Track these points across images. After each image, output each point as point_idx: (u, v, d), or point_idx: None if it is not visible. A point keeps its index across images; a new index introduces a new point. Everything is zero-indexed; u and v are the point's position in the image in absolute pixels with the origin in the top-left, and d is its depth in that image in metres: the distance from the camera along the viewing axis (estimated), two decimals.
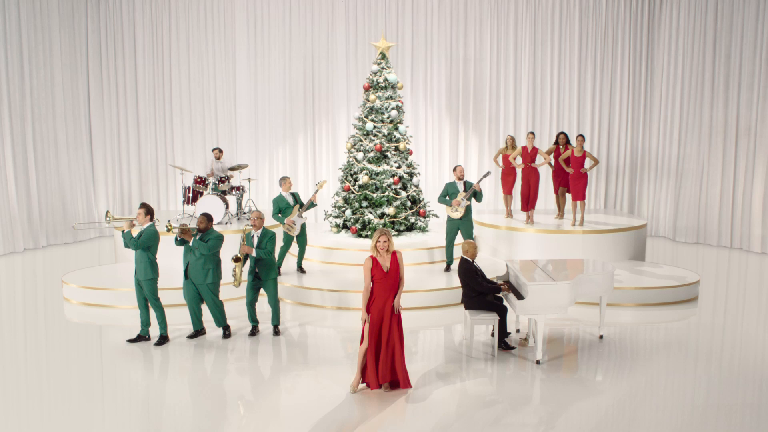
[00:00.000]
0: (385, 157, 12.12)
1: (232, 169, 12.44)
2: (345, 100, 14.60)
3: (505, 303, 8.29)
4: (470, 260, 8.08)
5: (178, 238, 8.17)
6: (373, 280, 6.81)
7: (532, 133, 12.04)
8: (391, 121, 12.20)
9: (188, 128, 14.69)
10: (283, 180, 10.51)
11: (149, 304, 8.23)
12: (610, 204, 15.06)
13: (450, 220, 10.60)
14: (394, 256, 6.82)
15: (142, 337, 8.35)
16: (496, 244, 12.05)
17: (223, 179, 12.25)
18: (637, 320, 9.36)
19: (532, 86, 14.75)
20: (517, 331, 8.77)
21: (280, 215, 10.42)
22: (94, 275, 10.61)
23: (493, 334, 8.35)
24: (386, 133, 12.14)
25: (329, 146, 14.85)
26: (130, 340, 8.32)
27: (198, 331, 8.56)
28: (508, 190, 12.42)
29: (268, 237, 8.52)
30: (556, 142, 12.26)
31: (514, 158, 11.99)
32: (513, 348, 8.10)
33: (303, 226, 10.58)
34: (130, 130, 14.61)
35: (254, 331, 8.72)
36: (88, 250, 13.44)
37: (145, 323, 8.31)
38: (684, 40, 13.99)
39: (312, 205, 10.54)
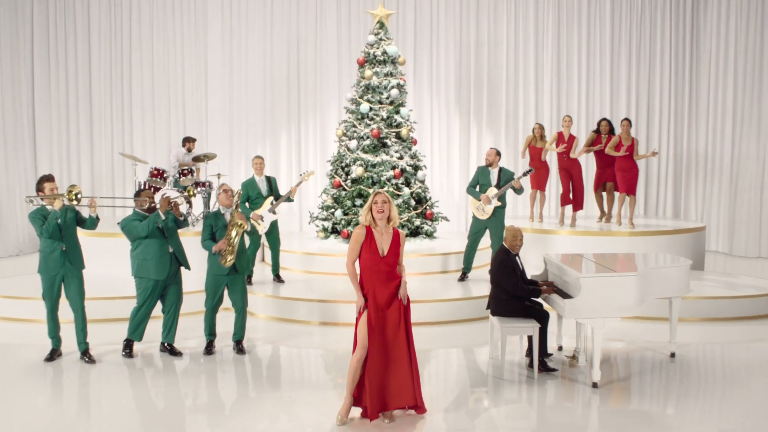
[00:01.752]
0: (384, 145, 10.55)
1: (196, 159, 10.83)
2: (336, 91, 13.19)
3: (545, 307, 6.61)
4: (510, 251, 6.46)
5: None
6: (360, 263, 5.19)
7: (569, 117, 10.55)
8: (391, 102, 10.67)
9: (150, 122, 13.28)
10: (252, 161, 8.90)
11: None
12: (651, 210, 13.52)
13: (476, 218, 8.99)
14: (396, 235, 5.20)
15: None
16: (523, 250, 10.37)
17: (186, 171, 10.64)
18: (709, 337, 7.68)
19: (557, 75, 13.42)
20: (559, 348, 7.07)
21: (247, 205, 8.79)
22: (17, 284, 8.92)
23: (530, 352, 6.65)
24: (385, 117, 10.59)
25: (317, 142, 13.38)
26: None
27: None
28: (538, 184, 10.85)
29: (246, 215, 6.93)
30: (597, 131, 10.73)
31: (551, 145, 10.47)
32: (554, 370, 6.39)
33: (274, 225, 8.93)
34: (81, 124, 13.17)
35: (210, 348, 7.00)
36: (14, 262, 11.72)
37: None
38: (737, 17, 12.64)
39: (288, 199, 8.92)
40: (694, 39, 13.38)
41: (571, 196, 10.63)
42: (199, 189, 10.67)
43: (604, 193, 10.88)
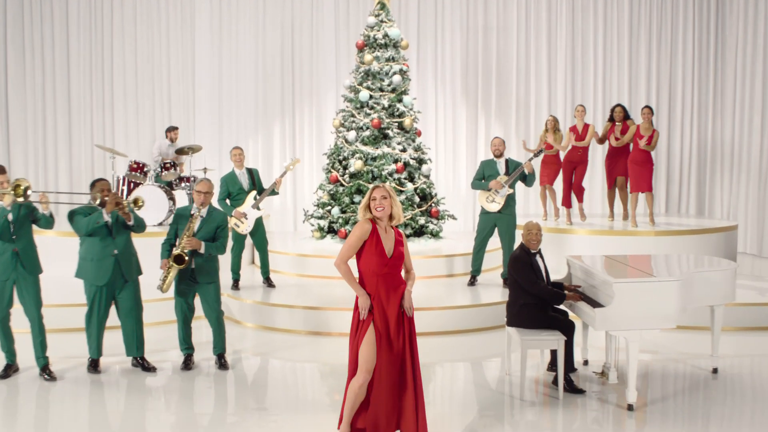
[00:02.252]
0: (386, 136, 9.84)
1: (180, 152, 10.12)
2: (334, 78, 12.50)
3: (569, 317, 5.90)
4: (529, 250, 5.76)
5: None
6: (362, 267, 4.52)
7: (582, 106, 9.86)
8: (393, 90, 9.96)
9: (133, 113, 12.59)
10: (230, 153, 8.22)
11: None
12: (673, 208, 12.82)
13: (484, 213, 8.27)
14: (400, 238, 4.60)
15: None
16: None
17: (168, 165, 9.93)
18: (748, 349, 6.97)
19: (571, 62, 12.71)
20: (585, 363, 6.34)
21: (228, 202, 8.08)
22: None
23: (553, 366, 5.94)
24: (386, 106, 9.88)
25: (312, 133, 12.68)
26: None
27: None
28: (548, 179, 10.14)
29: (221, 223, 6.21)
30: (611, 119, 10.01)
31: (569, 142, 9.78)
32: (581, 392, 5.66)
33: (259, 222, 8.21)
34: (59, 115, 12.50)
35: (188, 363, 6.28)
36: None
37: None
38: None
39: (273, 192, 8.22)
40: (720, 23, 12.68)
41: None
42: (183, 184, 9.97)
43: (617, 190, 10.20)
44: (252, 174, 8.25)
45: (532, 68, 12.70)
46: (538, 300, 5.71)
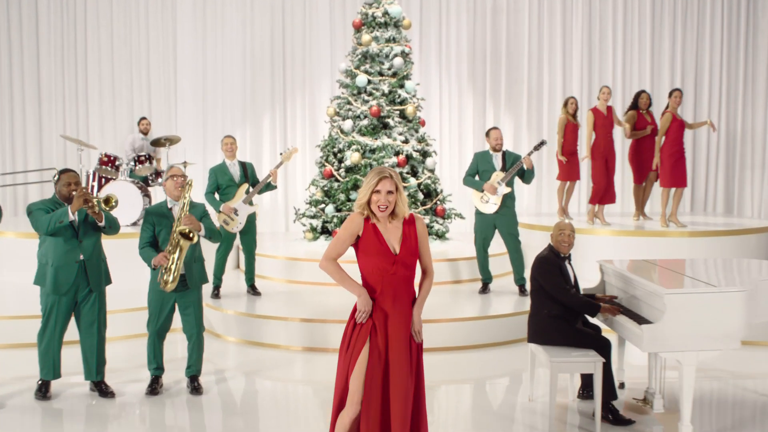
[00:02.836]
0: (386, 126, 9.07)
1: (156, 143, 9.31)
2: (328, 63, 11.79)
3: (600, 331, 5.11)
4: (558, 253, 4.99)
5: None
6: (364, 270, 3.74)
7: (608, 87, 9.08)
8: (394, 74, 9.19)
9: (110, 104, 11.88)
10: (221, 142, 7.49)
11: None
12: (698, 205, 12.07)
13: (479, 214, 7.54)
14: (411, 225, 3.74)
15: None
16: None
17: (143, 159, 9.13)
18: None
19: (588, 46, 11.99)
20: (620, 386, 5.54)
21: (217, 197, 7.30)
22: None
23: (587, 392, 5.15)
24: (387, 92, 9.10)
25: (305, 124, 11.95)
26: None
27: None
28: (569, 174, 9.36)
29: (202, 213, 5.46)
30: (635, 106, 9.22)
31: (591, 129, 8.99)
32: (629, 422, 4.86)
33: (251, 220, 7.44)
34: (27, 105, 11.79)
35: (155, 387, 5.48)
36: None
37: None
38: None
39: (269, 186, 7.44)
40: (751, 3, 12.01)
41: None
42: (160, 180, 9.18)
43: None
44: (245, 167, 7.48)
45: (546, 53, 11.99)
46: (566, 310, 4.92)
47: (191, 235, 5.07)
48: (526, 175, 7.40)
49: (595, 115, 8.96)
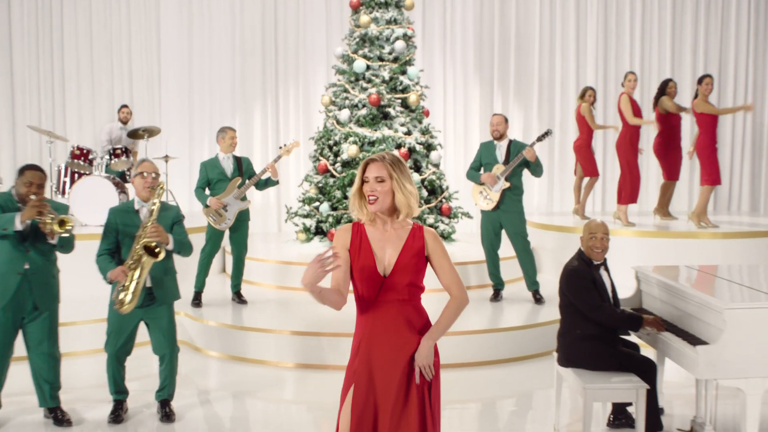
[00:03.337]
0: (386, 116, 8.39)
1: (133, 135, 8.61)
2: (324, 49, 11.16)
3: (639, 350, 4.43)
4: (591, 260, 4.32)
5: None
6: (354, 289, 3.04)
7: (634, 73, 8.43)
8: (396, 59, 8.50)
9: (88, 93, 11.24)
10: (222, 133, 6.77)
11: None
12: (722, 203, 11.45)
13: (483, 212, 6.96)
14: (417, 236, 2.98)
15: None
16: (565, 256, 8.22)
17: (119, 152, 8.44)
18: None
19: (603, 33, 11.38)
20: (660, 412, 4.84)
21: (207, 192, 6.64)
22: None
23: (620, 420, 4.48)
24: (387, 79, 8.42)
25: (299, 115, 11.32)
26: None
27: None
28: (590, 169, 8.74)
29: (176, 218, 4.73)
30: (662, 93, 8.55)
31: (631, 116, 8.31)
32: None
33: (243, 218, 6.77)
34: (0, 95, 11.12)
35: (118, 413, 4.77)
36: None
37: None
38: None
39: (269, 182, 6.80)
40: None
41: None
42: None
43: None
44: (240, 161, 6.80)
45: (558, 39, 11.38)
46: (602, 330, 4.23)
47: (157, 250, 4.37)
48: (532, 168, 6.73)
49: (632, 102, 8.31)
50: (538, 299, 6.90)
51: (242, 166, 6.78)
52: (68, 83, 11.17)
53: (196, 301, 6.79)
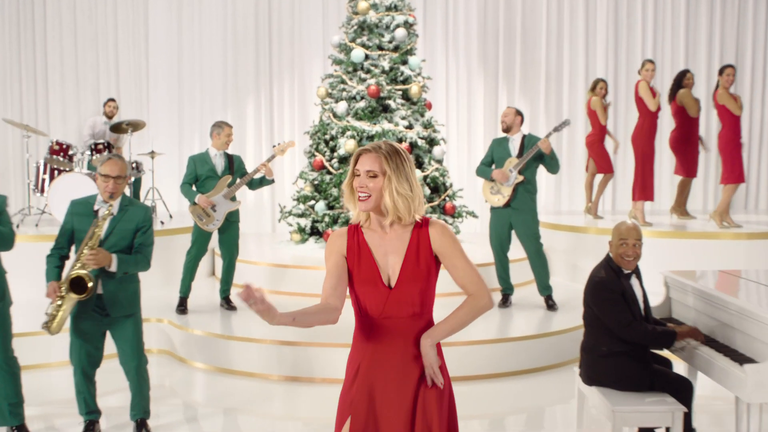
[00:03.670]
0: (386, 109, 7.93)
1: (115, 129, 8.15)
2: (321, 40, 10.67)
3: (671, 366, 3.97)
4: (620, 269, 3.86)
5: None
6: (354, 304, 2.60)
7: (651, 61, 7.99)
8: (396, 48, 8.04)
9: (73, 88, 10.76)
10: (218, 128, 6.31)
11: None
12: (738, 200, 11.04)
13: (493, 210, 6.49)
14: (421, 232, 2.53)
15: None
16: (577, 258, 7.81)
17: (101, 147, 7.99)
18: None
19: (614, 22, 10.90)
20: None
21: (194, 188, 6.19)
22: None
23: None
24: (387, 69, 7.95)
25: (294, 109, 10.84)
26: None
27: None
28: (604, 165, 8.32)
29: (142, 224, 4.20)
30: (679, 85, 8.11)
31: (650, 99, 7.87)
32: None
33: (232, 219, 6.33)
34: None
35: None
36: None
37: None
38: None
39: (263, 181, 6.37)
40: None
41: None
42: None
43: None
44: (231, 159, 6.37)
45: (566, 29, 10.90)
46: (632, 345, 3.77)
47: (88, 284, 3.94)
48: (547, 162, 6.26)
49: (653, 91, 7.86)
50: (550, 305, 6.45)
51: (234, 165, 6.34)
52: (51, 76, 10.68)
53: (181, 307, 6.34)
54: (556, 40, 10.93)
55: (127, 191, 8.26)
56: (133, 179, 8.25)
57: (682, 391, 3.73)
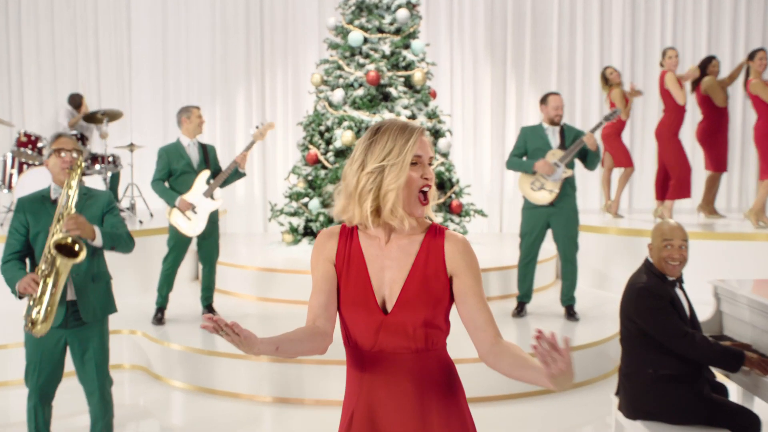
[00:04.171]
0: (387, 97, 7.37)
1: (89, 119, 7.59)
2: (316, 23, 10.15)
3: (728, 394, 3.40)
4: (665, 275, 3.29)
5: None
6: (342, 327, 2.04)
7: (673, 49, 7.46)
8: (398, 31, 7.47)
9: (50, 77, 10.29)
10: (187, 112, 5.75)
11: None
12: (751, 199, 10.48)
13: (530, 207, 5.84)
14: (435, 244, 1.97)
15: None
16: (596, 261, 7.27)
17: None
18: None
19: (630, 8, 10.37)
20: None
21: (167, 185, 5.61)
22: None
23: None
24: (388, 53, 7.37)
25: (288, 99, 10.32)
26: None
27: None
28: (623, 159, 7.79)
29: (106, 207, 3.65)
30: (704, 73, 7.56)
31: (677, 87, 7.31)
32: None
33: (213, 220, 5.76)
34: None
35: None
36: None
37: None
38: None
39: (236, 174, 5.75)
40: None
41: None
42: (97, 166, 7.46)
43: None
44: (206, 150, 5.77)
45: (579, 15, 10.37)
46: (685, 367, 3.20)
47: (76, 248, 3.31)
48: (589, 158, 5.70)
49: (679, 82, 7.30)
50: (571, 315, 5.87)
51: (209, 156, 5.74)
52: (26, 64, 10.19)
53: (159, 318, 5.76)
54: (569, 26, 10.40)
55: (103, 187, 7.70)
56: (110, 175, 7.66)
57: (747, 427, 3.16)
